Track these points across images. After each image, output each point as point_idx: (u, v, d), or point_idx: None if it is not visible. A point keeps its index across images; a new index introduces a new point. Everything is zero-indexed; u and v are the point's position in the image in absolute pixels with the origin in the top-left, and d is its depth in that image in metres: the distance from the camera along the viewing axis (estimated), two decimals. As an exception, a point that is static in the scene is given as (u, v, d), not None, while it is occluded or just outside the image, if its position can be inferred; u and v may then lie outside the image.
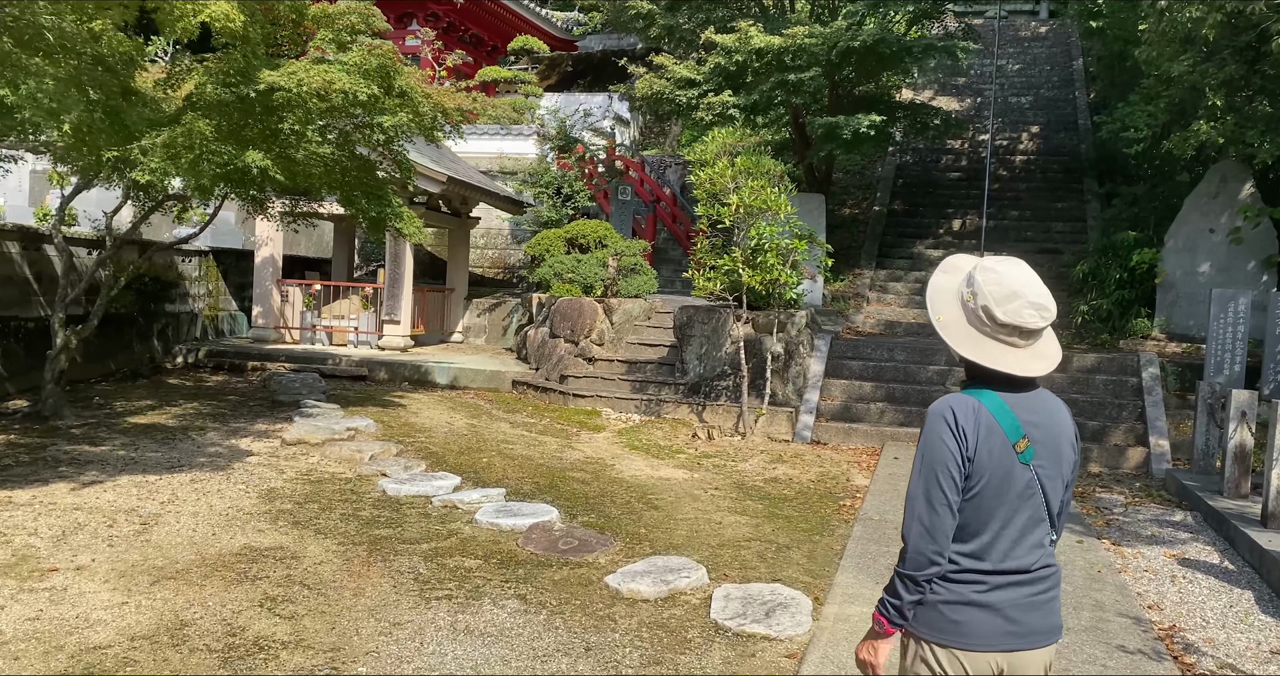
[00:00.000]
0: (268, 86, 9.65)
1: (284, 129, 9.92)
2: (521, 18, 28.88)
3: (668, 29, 17.76)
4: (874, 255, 20.21)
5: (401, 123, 10.90)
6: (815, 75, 16.18)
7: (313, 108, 10.32)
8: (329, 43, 10.56)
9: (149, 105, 10.66)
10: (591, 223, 18.32)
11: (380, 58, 10.66)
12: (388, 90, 11.07)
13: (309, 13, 10.49)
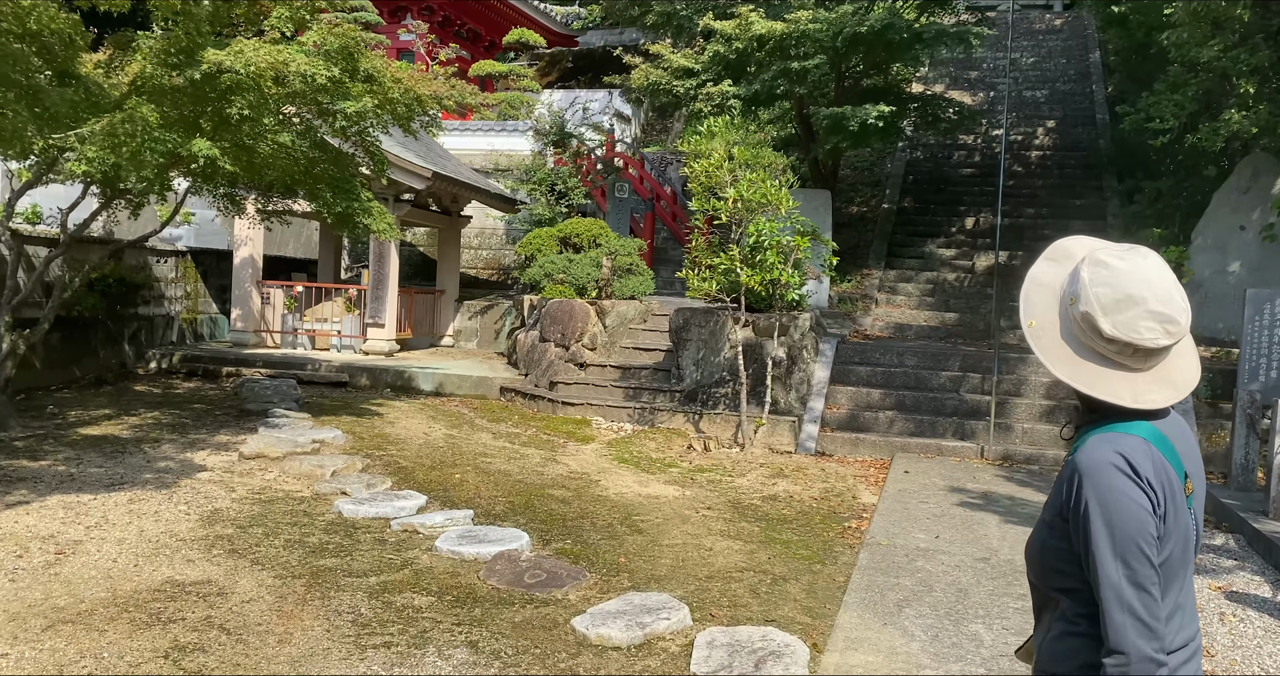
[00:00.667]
0: (212, 68, 8.76)
1: (232, 114, 9.02)
2: (519, 11, 28.01)
3: (665, 16, 16.86)
4: (883, 255, 19.27)
5: (365, 109, 10.02)
6: (820, 64, 15.27)
7: (268, 92, 9.45)
8: (285, 21, 9.66)
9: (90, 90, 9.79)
10: (585, 221, 17.43)
11: (342, 38, 9.78)
12: (352, 74, 10.19)
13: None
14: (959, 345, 15.90)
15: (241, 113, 9.01)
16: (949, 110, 18.88)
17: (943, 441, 12.87)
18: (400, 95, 10.97)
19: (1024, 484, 11.39)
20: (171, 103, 9.80)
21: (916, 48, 15.72)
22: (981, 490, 10.85)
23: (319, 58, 9.65)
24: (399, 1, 27.50)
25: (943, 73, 26.99)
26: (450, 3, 27.01)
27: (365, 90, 10.55)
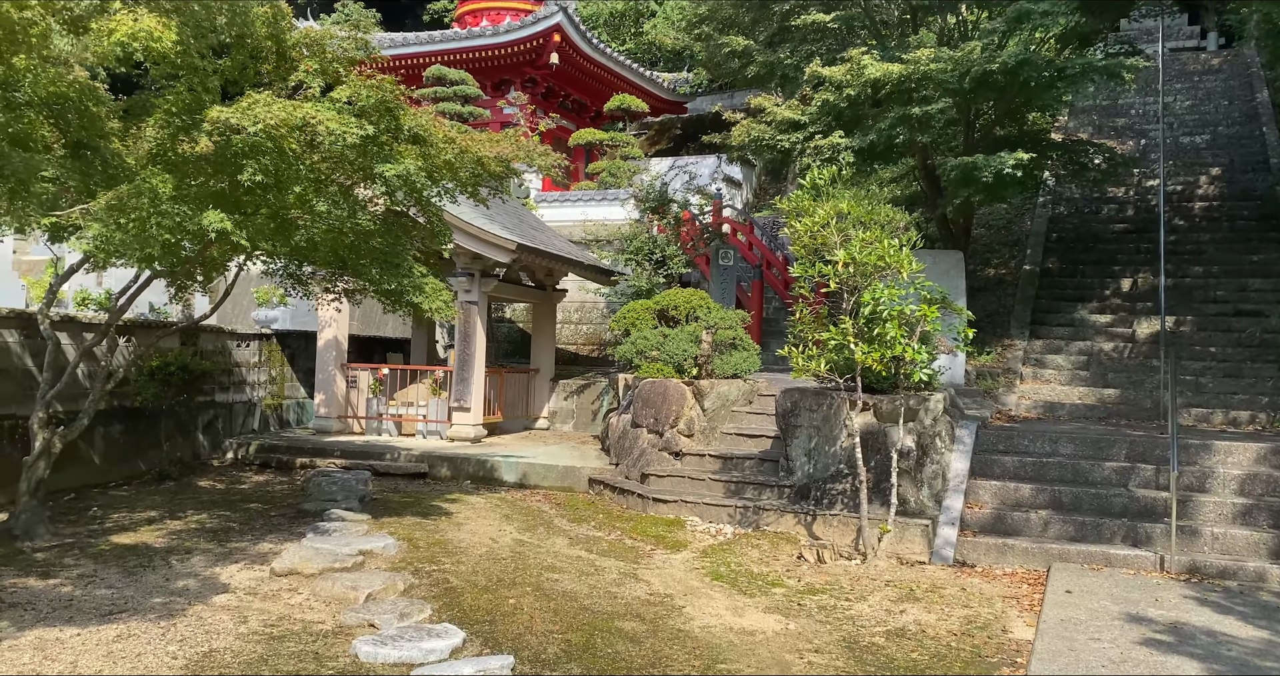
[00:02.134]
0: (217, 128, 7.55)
1: (244, 181, 7.78)
2: (623, 79, 27.07)
3: (768, 67, 15.33)
4: (1026, 322, 16.98)
5: (408, 171, 8.66)
6: (945, 108, 13.43)
7: (294, 154, 8.22)
8: (315, 76, 8.45)
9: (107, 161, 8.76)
10: (684, 292, 15.80)
11: (379, 93, 8.50)
12: (394, 132, 8.90)
13: (290, 40, 8.43)
14: (1123, 428, 13.51)
15: (254, 178, 7.75)
16: (1097, 157, 16.65)
17: (1111, 549, 10.53)
18: (454, 157, 9.63)
19: (1223, 609, 8.98)
20: (194, 171, 8.69)
21: (1058, 86, 13.71)
22: (1169, 620, 8.52)
23: (351, 115, 8.39)
24: (503, 75, 26.94)
25: (1085, 121, 24.63)
26: (553, 74, 26.26)
27: (413, 152, 9.26)
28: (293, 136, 8.05)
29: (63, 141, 8.85)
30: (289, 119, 7.64)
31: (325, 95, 8.66)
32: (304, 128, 8.00)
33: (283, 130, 7.80)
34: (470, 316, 16.39)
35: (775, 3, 14.95)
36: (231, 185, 8.70)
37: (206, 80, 7.83)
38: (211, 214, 7.96)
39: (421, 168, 9.05)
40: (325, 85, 8.68)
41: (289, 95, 8.97)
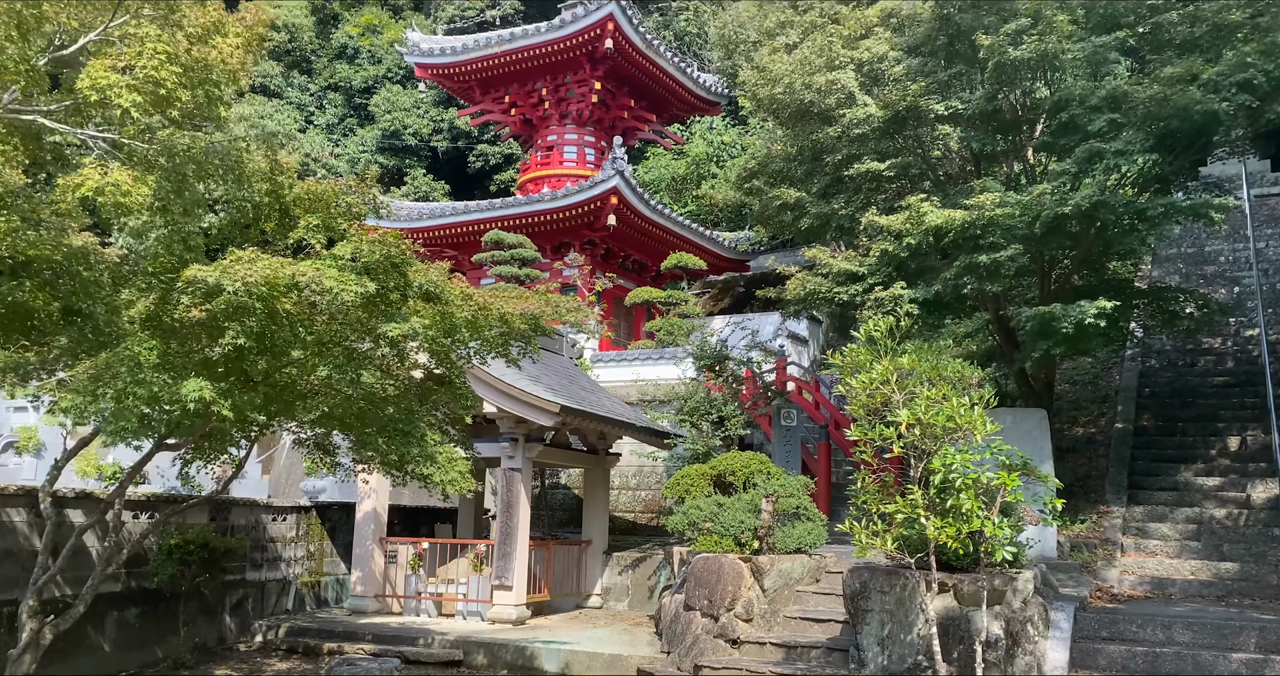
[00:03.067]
0: (194, 287, 6.90)
1: (226, 345, 7.07)
2: (682, 238, 26.82)
3: (821, 218, 14.64)
4: (1123, 486, 15.33)
5: (414, 331, 7.90)
6: (1015, 254, 12.45)
7: (286, 314, 7.52)
8: (315, 232, 7.86)
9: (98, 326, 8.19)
10: (743, 455, 14.63)
11: (384, 248, 7.85)
12: (403, 290, 8.20)
13: (290, 196, 7.89)
14: (1248, 610, 11.71)
15: (235, 343, 7.02)
16: (1188, 305, 15.36)
17: (1254, 766, 8.71)
18: (473, 314, 8.88)
19: None
20: (185, 336, 8.04)
21: (1139, 230, 12.68)
22: None
23: (355, 272, 7.72)
24: (562, 238, 26.90)
25: (1171, 269, 23.39)
26: (611, 235, 26.12)
27: (426, 310, 8.54)
28: (286, 296, 7.37)
29: (56, 306, 8.34)
30: (275, 277, 6.97)
31: (328, 250, 8.03)
32: (296, 286, 7.32)
33: (271, 289, 7.11)
34: (514, 485, 15.39)
35: (827, 153, 14.37)
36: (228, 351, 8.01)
37: (190, 239, 7.26)
38: (191, 383, 7.23)
39: (431, 326, 8.29)
40: (328, 241, 8.08)
41: (292, 254, 8.37)
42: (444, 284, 8.54)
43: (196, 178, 7.18)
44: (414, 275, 8.23)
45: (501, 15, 39.76)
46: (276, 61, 41.60)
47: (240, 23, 7.14)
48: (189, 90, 6.40)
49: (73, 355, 7.98)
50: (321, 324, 8.22)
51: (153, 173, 6.68)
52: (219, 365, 8.08)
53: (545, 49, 27.22)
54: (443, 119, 40.37)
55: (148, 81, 6.07)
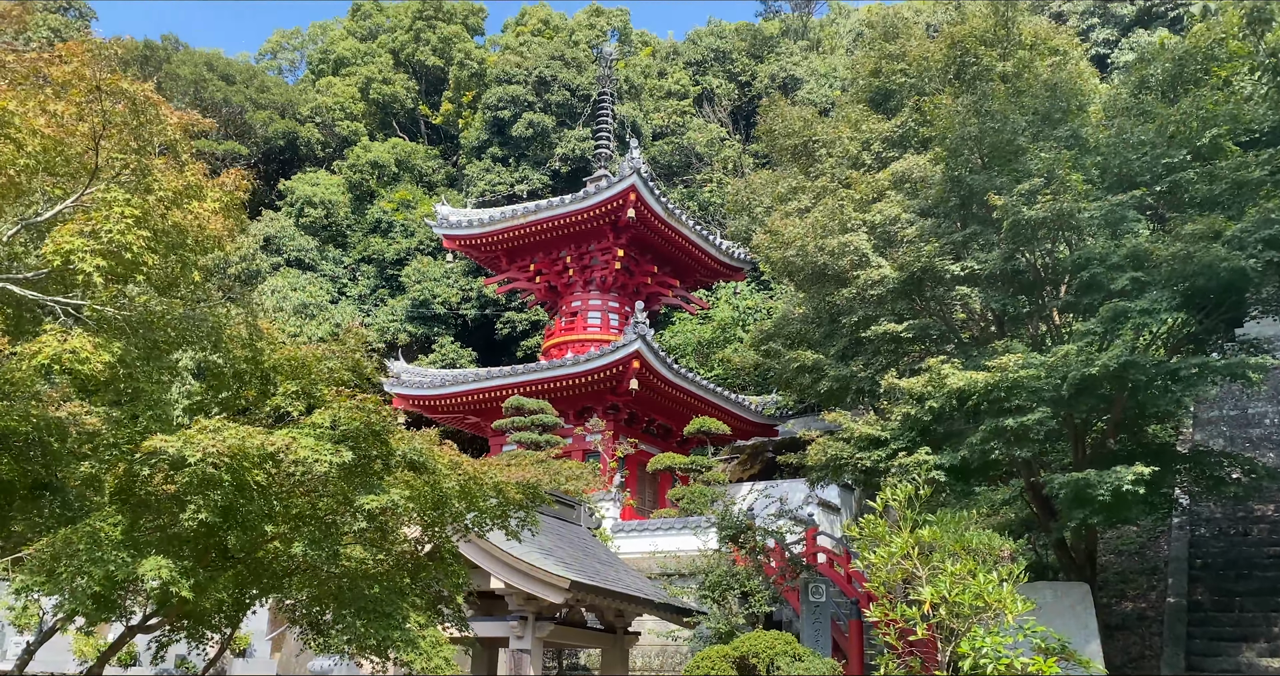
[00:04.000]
0: (154, 458, 6.50)
1: (186, 520, 6.60)
2: (706, 402, 26.41)
3: (840, 381, 14.19)
4: (1180, 667, 14.09)
5: (393, 503, 7.40)
6: (1043, 418, 11.86)
7: (258, 486, 7.07)
8: (294, 399, 7.51)
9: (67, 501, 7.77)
10: (767, 636, 13.67)
11: (364, 414, 7.46)
12: (384, 459, 7.75)
13: (268, 362, 7.58)
14: None
15: (196, 517, 6.54)
16: (1234, 470, 14.52)
17: None
18: (462, 484, 8.39)
19: None
20: (155, 510, 7.59)
21: (1172, 390, 12.07)
22: None
23: (331, 441, 7.30)
24: (585, 402, 26.59)
25: (1214, 432, 22.47)
26: (634, 400, 25.77)
27: (413, 480, 8.07)
28: (259, 467, 6.94)
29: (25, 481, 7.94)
30: (243, 447, 6.55)
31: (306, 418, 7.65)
32: (270, 457, 6.90)
33: (239, 460, 6.68)
34: (522, 668, 14.37)
35: (844, 315, 14.06)
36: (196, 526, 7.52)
37: (158, 407, 6.91)
38: (150, 561, 6.73)
39: (416, 497, 7.79)
40: (307, 408, 7.71)
41: (274, 422, 8.00)
42: (430, 452, 8.09)
43: (170, 345, 6.90)
44: (397, 443, 7.79)
45: (530, 189, 40.98)
46: (313, 236, 42.84)
47: (220, 187, 7.05)
48: (158, 255, 6.21)
49: (42, 531, 7.53)
50: (299, 496, 7.74)
51: (119, 339, 6.40)
52: (188, 541, 7.58)
53: (570, 219, 27.75)
54: (471, 288, 41.03)
55: (113, 245, 5.88)
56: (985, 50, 13.83)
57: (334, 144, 47.00)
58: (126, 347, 6.42)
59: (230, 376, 7.65)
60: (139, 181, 6.26)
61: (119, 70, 6.23)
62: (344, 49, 48.92)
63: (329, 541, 7.79)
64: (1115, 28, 35.87)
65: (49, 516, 7.84)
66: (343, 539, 8.03)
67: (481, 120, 43.53)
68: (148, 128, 6.33)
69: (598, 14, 47.45)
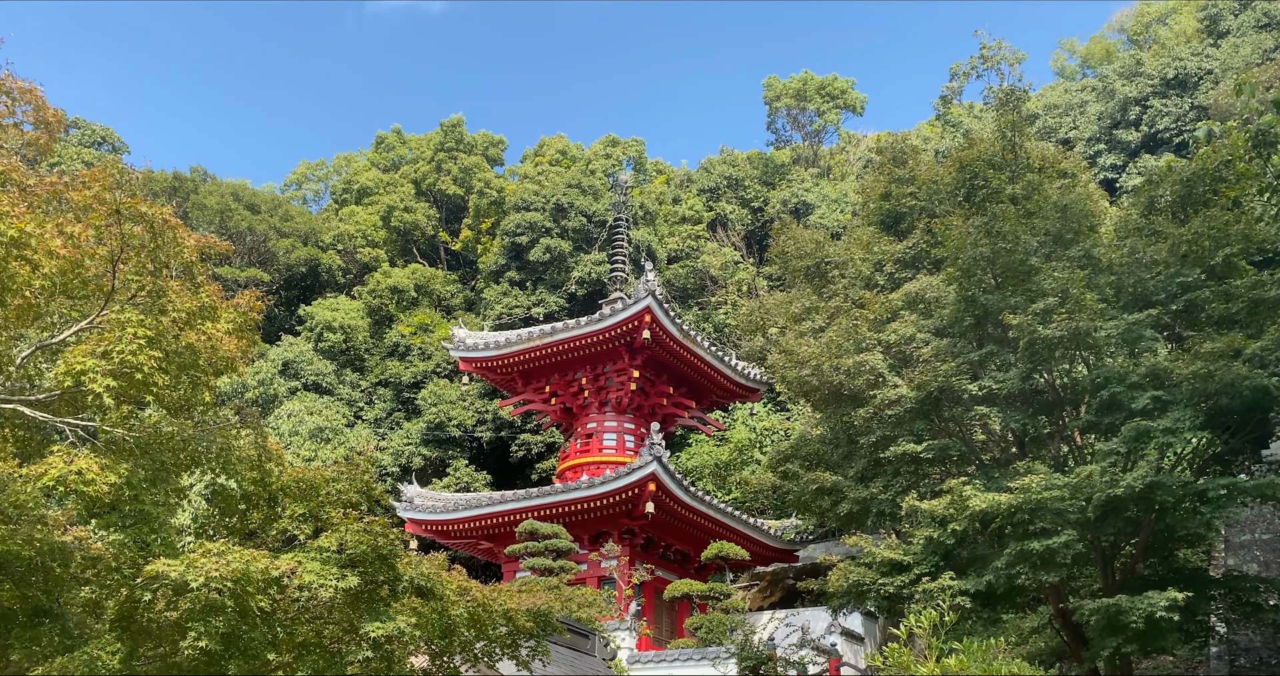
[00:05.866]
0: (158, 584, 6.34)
1: (185, 648, 6.38)
2: (725, 526, 25.89)
3: (860, 503, 13.92)
4: None
5: (399, 631, 7.16)
6: (1069, 541, 11.55)
7: (260, 613, 6.86)
8: (300, 522, 7.37)
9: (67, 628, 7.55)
10: (789, 775, 12.96)
11: (371, 537, 7.29)
12: (391, 584, 7.54)
13: (276, 483, 7.46)
14: None
15: (197, 645, 6.33)
16: (1271, 597, 14.01)
17: None
18: (470, 611, 8.13)
19: None
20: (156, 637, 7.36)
21: (1202, 512, 11.77)
22: None
23: (337, 565, 7.12)
24: (600, 526, 26.08)
25: (1246, 557, 21.79)
26: (651, 524, 25.28)
27: (420, 606, 7.83)
28: (262, 593, 6.75)
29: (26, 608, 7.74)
30: (247, 571, 6.39)
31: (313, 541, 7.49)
32: (275, 582, 6.72)
33: (242, 585, 6.51)
34: None
35: (861, 435, 13.90)
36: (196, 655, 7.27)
37: (162, 530, 6.78)
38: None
39: (423, 625, 7.54)
40: (315, 531, 7.55)
41: (282, 545, 7.84)
42: (438, 577, 7.87)
43: (178, 466, 6.81)
44: (405, 568, 7.59)
45: (546, 312, 41.35)
46: (331, 360, 43.10)
47: (234, 308, 7.11)
48: (169, 376, 6.20)
49: (40, 660, 7.30)
50: (303, 623, 7.50)
51: (127, 461, 6.33)
52: (188, 671, 7.32)
53: (586, 340, 27.86)
54: (487, 410, 40.94)
55: (125, 366, 5.88)
56: (994, 173, 14.08)
57: (355, 270, 47.83)
58: (134, 469, 6.34)
59: (238, 499, 7.54)
60: (153, 302, 6.31)
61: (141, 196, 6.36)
62: (367, 179, 50.33)
63: (333, 671, 7.51)
64: (1121, 153, 36.63)
65: (47, 644, 7.60)
66: (347, 668, 7.76)
67: (500, 246, 44.33)
68: (165, 250, 6.43)
69: (614, 144, 48.83)
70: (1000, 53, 43.86)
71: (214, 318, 6.84)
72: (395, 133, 53.83)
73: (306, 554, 7.20)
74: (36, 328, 6.73)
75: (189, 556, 6.41)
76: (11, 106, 6.62)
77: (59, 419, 6.40)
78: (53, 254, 5.66)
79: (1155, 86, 36.97)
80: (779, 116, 51.46)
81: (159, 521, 6.88)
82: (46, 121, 7.00)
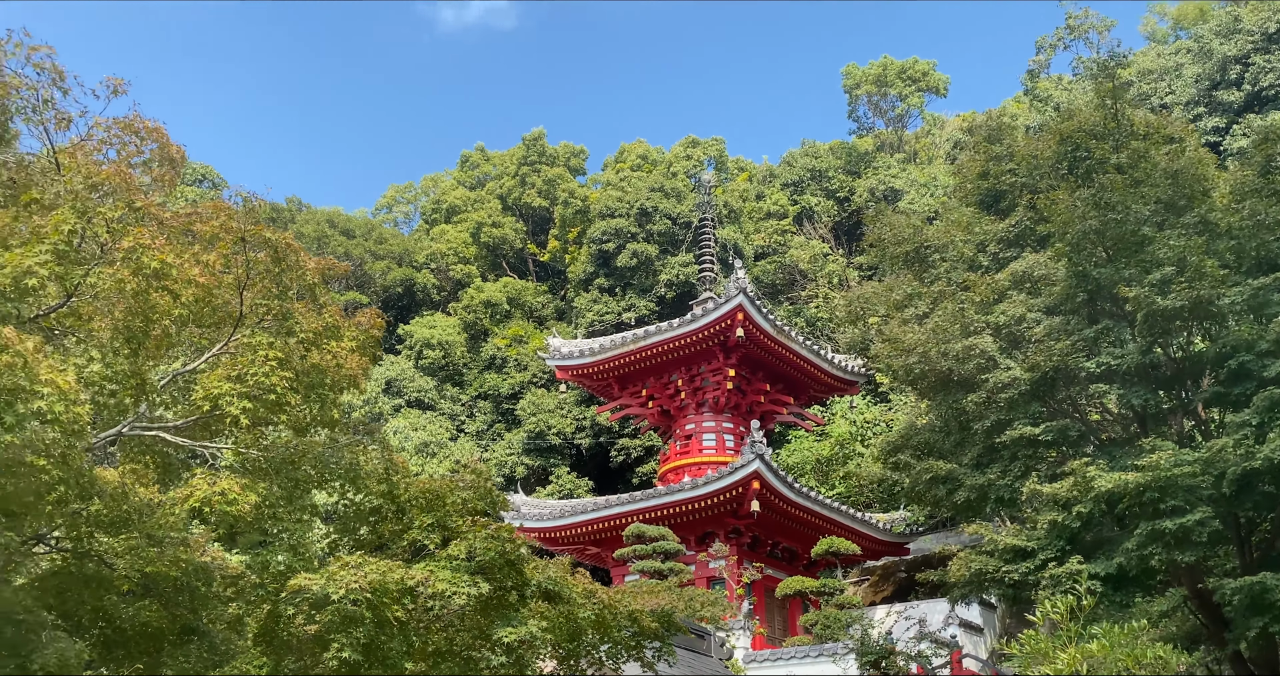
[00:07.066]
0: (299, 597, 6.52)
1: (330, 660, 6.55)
2: (832, 521, 25.58)
3: (978, 490, 13.60)
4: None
5: (531, 635, 7.24)
6: (1204, 517, 11.10)
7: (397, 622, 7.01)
8: (429, 531, 7.52)
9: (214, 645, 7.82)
10: (923, 769, 12.74)
11: (499, 544, 7.40)
12: (519, 589, 7.64)
13: (404, 495, 7.62)
14: None
15: (340, 656, 6.49)
16: None
17: None
18: (597, 613, 8.18)
19: None
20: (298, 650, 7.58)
21: (1346, 482, 11.21)
22: None
23: (467, 572, 7.24)
24: (705, 527, 26.02)
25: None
26: (757, 523, 25.12)
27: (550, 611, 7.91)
28: (398, 603, 6.90)
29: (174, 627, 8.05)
30: (383, 582, 6.54)
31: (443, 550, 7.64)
32: (409, 591, 6.87)
33: (380, 596, 6.66)
34: None
35: (974, 421, 13.59)
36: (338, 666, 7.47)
37: (300, 546, 6.99)
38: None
39: (553, 629, 7.61)
40: (443, 540, 7.70)
41: (410, 556, 8.01)
42: (565, 581, 7.94)
43: (309, 483, 7.02)
44: (531, 573, 7.68)
45: (637, 316, 41.52)
46: (431, 376, 44.02)
47: (355, 326, 7.30)
48: (299, 395, 6.40)
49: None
50: (436, 632, 7.65)
51: (263, 480, 6.55)
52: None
53: (679, 342, 27.86)
54: (584, 417, 41.30)
55: (258, 388, 6.09)
56: (1096, 143, 13.65)
57: (448, 287, 48.78)
58: (270, 488, 6.56)
59: (368, 512, 7.72)
60: (280, 325, 6.53)
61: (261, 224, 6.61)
62: (454, 197, 51.31)
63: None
64: (1224, 115, 35.23)
65: (196, 661, 7.87)
66: (481, 675, 7.87)
67: (587, 254, 44.72)
68: (288, 274, 6.65)
69: (694, 145, 48.78)
70: (1087, 22, 42.57)
71: (338, 337, 7.06)
72: (479, 150, 54.80)
73: (437, 563, 7.34)
74: (167, 358, 7.01)
75: (328, 569, 6.59)
76: (140, 146, 6.95)
77: (198, 443, 6.65)
78: (191, 282, 5.91)
79: (1257, 42, 35.44)
80: (860, 104, 50.77)
81: (297, 537, 7.10)
82: (170, 158, 7.32)
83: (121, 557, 7.26)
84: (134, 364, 6.05)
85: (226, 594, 8.15)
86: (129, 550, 7.22)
